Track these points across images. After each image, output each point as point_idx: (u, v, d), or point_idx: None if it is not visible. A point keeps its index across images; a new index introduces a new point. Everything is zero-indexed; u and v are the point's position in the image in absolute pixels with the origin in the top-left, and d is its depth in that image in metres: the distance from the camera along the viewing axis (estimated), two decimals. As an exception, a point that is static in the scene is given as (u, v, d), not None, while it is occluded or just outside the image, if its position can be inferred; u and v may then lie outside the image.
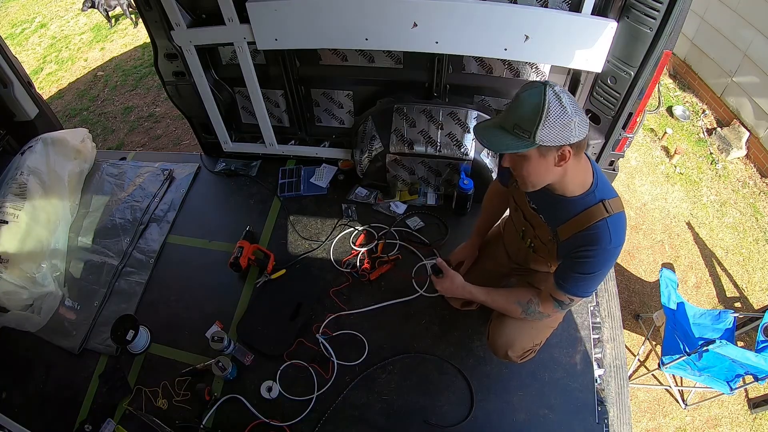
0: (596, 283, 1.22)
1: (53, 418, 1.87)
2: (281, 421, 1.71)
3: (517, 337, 1.52)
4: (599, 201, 1.13)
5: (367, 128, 2.20)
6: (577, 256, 1.17)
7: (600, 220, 1.12)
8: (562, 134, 1.01)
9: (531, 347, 1.56)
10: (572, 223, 1.17)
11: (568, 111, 0.99)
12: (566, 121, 1.00)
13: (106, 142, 4.17)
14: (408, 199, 2.29)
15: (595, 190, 1.14)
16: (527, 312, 1.35)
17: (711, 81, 3.65)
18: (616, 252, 1.15)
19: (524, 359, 1.59)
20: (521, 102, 1.03)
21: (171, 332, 2.00)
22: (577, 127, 1.01)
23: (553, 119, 0.99)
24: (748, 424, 2.35)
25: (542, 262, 1.47)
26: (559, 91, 1.00)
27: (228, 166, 2.58)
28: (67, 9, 6.38)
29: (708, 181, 3.31)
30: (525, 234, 1.43)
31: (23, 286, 2.05)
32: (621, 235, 1.14)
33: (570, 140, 1.02)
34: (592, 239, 1.13)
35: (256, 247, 2.12)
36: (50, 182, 2.35)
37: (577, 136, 1.02)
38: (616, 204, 1.14)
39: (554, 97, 0.99)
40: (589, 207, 1.14)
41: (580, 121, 1.02)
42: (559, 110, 0.99)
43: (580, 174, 1.13)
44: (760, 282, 2.80)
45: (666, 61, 1.60)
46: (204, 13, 1.98)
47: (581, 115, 1.02)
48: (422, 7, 1.69)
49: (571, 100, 1.01)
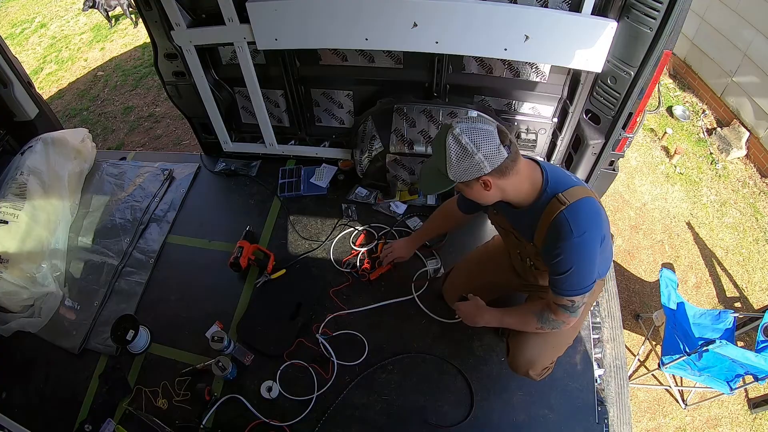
0: (584, 278, 1.20)
1: (53, 418, 1.87)
2: (281, 421, 1.71)
3: (539, 355, 1.51)
4: (552, 196, 1.15)
5: (367, 128, 2.20)
6: (551, 257, 1.18)
7: (557, 215, 1.13)
8: (472, 170, 1.10)
9: (551, 363, 1.57)
10: (540, 229, 1.20)
11: (468, 150, 1.07)
12: (469, 161, 1.08)
13: (106, 142, 4.17)
14: (408, 199, 2.29)
15: (546, 188, 1.16)
16: (543, 321, 1.34)
17: (711, 81, 3.65)
18: (583, 241, 1.13)
19: (543, 377, 1.59)
20: (434, 147, 1.15)
21: (171, 332, 2.00)
22: (485, 159, 1.08)
23: (456, 161, 1.09)
24: (748, 424, 2.35)
25: (545, 275, 1.47)
26: (458, 132, 1.08)
27: (228, 166, 2.58)
28: (67, 9, 6.39)
29: (708, 181, 3.31)
30: (522, 255, 1.45)
31: (23, 286, 2.06)
32: (583, 222, 1.12)
33: (483, 171, 1.10)
34: (555, 237, 1.14)
35: (256, 247, 2.12)
36: (50, 182, 2.35)
37: (490, 166, 1.09)
38: (572, 193, 1.14)
39: (453, 141, 1.08)
40: (545, 207, 1.16)
41: (489, 152, 1.08)
42: (459, 152, 1.08)
43: (524, 185, 1.17)
44: (760, 282, 2.80)
45: (666, 61, 1.60)
46: (204, 13, 1.98)
47: (488, 146, 1.08)
48: (422, 7, 1.69)
49: (472, 137, 1.07)
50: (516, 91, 2.12)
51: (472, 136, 1.08)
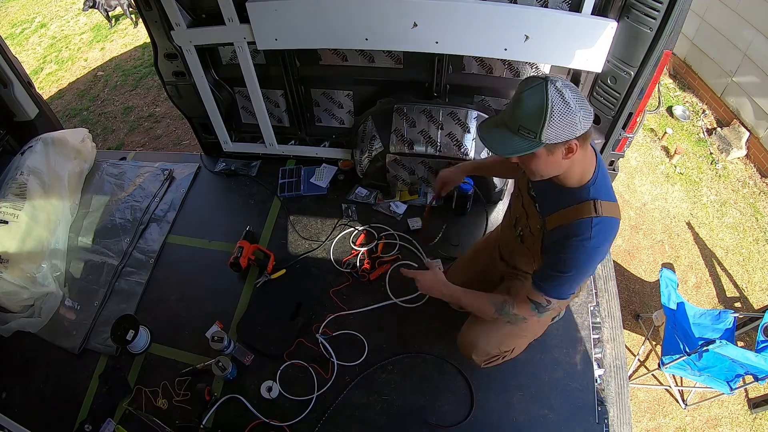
0: (572, 286, 1.18)
1: (53, 418, 1.87)
2: (281, 421, 1.71)
3: (481, 339, 1.50)
4: (591, 199, 1.10)
5: (367, 128, 2.20)
6: (556, 250, 1.15)
7: (584, 218, 1.10)
8: (568, 130, 0.99)
9: (497, 353, 1.54)
10: (560, 215, 1.15)
11: (571, 106, 0.97)
12: (571, 118, 0.97)
13: (106, 142, 4.17)
14: (408, 199, 2.29)
15: (591, 186, 1.12)
16: (501, 312, 1.30)
17: (711, 81, 3.65)
18: (594, 252, 1.11)
19: (489, 364, 1.58)
20: (523, 101, 1.00)
21: (171, 332, 2.00)
22: (581, 120, 0.99)
23: (558, 117, 0.97)
24: (748, 424, 2.35)
25: (527, 256, 1.44)
26: (561, 86, 0.97)
27: (228, 166, 2.58)
28: (67, 9, 6.39)
29: (708, 181, 3.31)
30: (518, 222, 1.40)
31: (23, 286, 2.06)
32: (603, 238, 1.10)
33: (576, 134, 1.00)
34: (572, 234, 1.11)
35: (256, 247, 2.12)
36: (50, 182, 2.35)
37: (582, 129, 1.00)
38: (608, 208, 1.10)
39: (557, 94, 0.96)
40: (579, 203, 1.12)
41: (585, 114, 0.99)
42: (562, 107, 0.96)
43: (584, 165, 1.11)
44: (760, 282, 2.80)
45: (666, 61, 1.60)
46: (204, 13, 1.98)
47: (585, 108, 1.00)
48: (422, 7, 1.69)
49: (574, 94, 0.98)
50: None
51: (574, 92, 0.98)
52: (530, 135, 1.00)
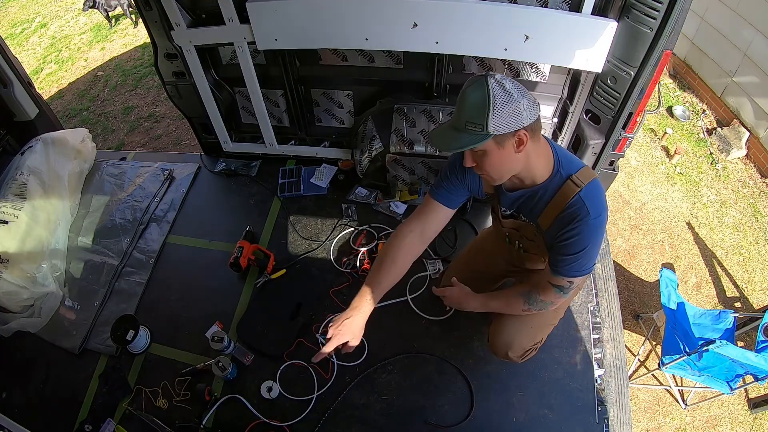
0: (591, 259, 1.19)
1: (53, 418, 1.87)
2: (281, 421, 1.71)
3: (516, 336, 1.52)
4: (566, 178, 1.13)
5: (367, 128, 2.20)
6: (563, 238, 1.16)
7: (573, 197, 1.12)
8: (513, 119, 1.02)
9: (531, 346, 1.56)
10: (549, 210, 1.17)
11: (513, 95, 1.01)
12: (514, 106, 1.01)
13: (106, 142, 4.17)
14: (408, 199, 2.29)
15: (559, 169, 1.15)
16: (530, 302, 1.33)
17: (711, 81, 3.65)
18: (600, 222, 1.13)
19: (525, 359, 1.59)
20: (466, 97, 1.03)
21: (171, 332, 2.00)
22: (526, 109, 1.02)
23: (501, 106, 1.00)
24: (748, 424, 2.35)
25: (536, 260, 1.47)
26: (500, 78, 1.01)
27: (228, 166, 2.58)
28: (67, 9, 6.39)
29: (708, 181, 3.31)
30: (511, 238, 1.43)
31: (23, 286, 2.06)
32: (599, 204, 1.13)
33: (523, 123, 1.03)
34: (572, 218, 1.13)
35: (256, 247, 2.12)
36: (50, 182, 2.35)
37: (528, 119, 1.03)
38: (584, 174, 1.14)
39: (497, 85, 1.00)
40: (559, 188, 1.14)
41: (529, 104, 1.03)
42: (504, 96, 1.00)
43: (542, 157, 1.14)
44: (760, 282, 2.80)
45: (666, 61, 1.60)
46: (204, 13, 1.98)
47: (528, 98, 1.03)
48: (422, 7, 1.69)
49: (514, 85, 1.02)
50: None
51: (514, 83, 1.02)
52: (477, 128, 1.03)
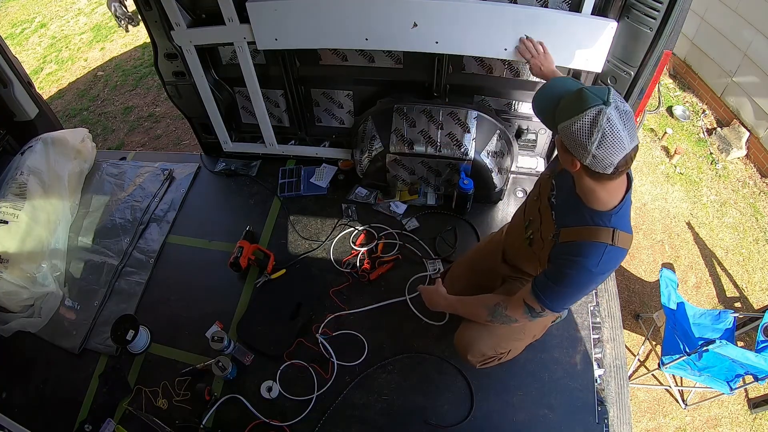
0: (568, 301, 1.22)
1: (53, 418, 1.87)
2: (281, 421, 1.71)
3: (478, 340, 1.52)
4: (611, 227, 1.11)
5: (367, 128, 2.20)
6: (561, 264, 1.16)
7: (599, 243, 1.11)
8: (575, 149, 1.01)
9: (493, 354, 1.55)
10: (577, 231, 1.16)
11: (593, 138, 0.96)
12: (581, 145, 0.99)
13: (106, 142, 4.17)
14: (408, 199, 2.29)
15: (614, 214, 1.11)
16: (494, 315, 1.35)
17: (711, 81, 3.65)
18: (595, 279, 1.14)
19: (485, 365, 1.59)
20: (570, 99, 1.01)
21: (171, 332, 2.00)
22: (594, 158, 0.99)
23: (573, 131, 0.98)
24: (748, 424, 2.35)
25: (533, 259, 1.44)
26: (614, 116, 0.95)
27: (228, 166, 2.58)
28: (67, 9, 6.38)
29: (708, 181, 3.31)
30: (530, 224, 1.41)
31: (23, 285, 2.06)
32: (608, 266, 1.13)
33: (582, 161, 1.01)
34: (581, 252, 1.12)
35: (256, 247, 2.12)
36: (50, 182, 2.35)
37: (588, 163, 1.00)
38: (623, 239, 1.12)
39: (603, 118, 0.95)
40: (598, 226, 1.12)
41: (601, 157, 0.98)
42: (585, 130, 0.97)
43: (605, 196, 1.11)
44: (760, 282, 2.80)
45: (666, 61, 1.60)
46: (204, 13, 1.98)
47: (607, 152, 0.97)
48: (422, 7, 1.69)
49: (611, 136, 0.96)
50: (516, 91, 2.12)
51: (612, 135, 0.95)
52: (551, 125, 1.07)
